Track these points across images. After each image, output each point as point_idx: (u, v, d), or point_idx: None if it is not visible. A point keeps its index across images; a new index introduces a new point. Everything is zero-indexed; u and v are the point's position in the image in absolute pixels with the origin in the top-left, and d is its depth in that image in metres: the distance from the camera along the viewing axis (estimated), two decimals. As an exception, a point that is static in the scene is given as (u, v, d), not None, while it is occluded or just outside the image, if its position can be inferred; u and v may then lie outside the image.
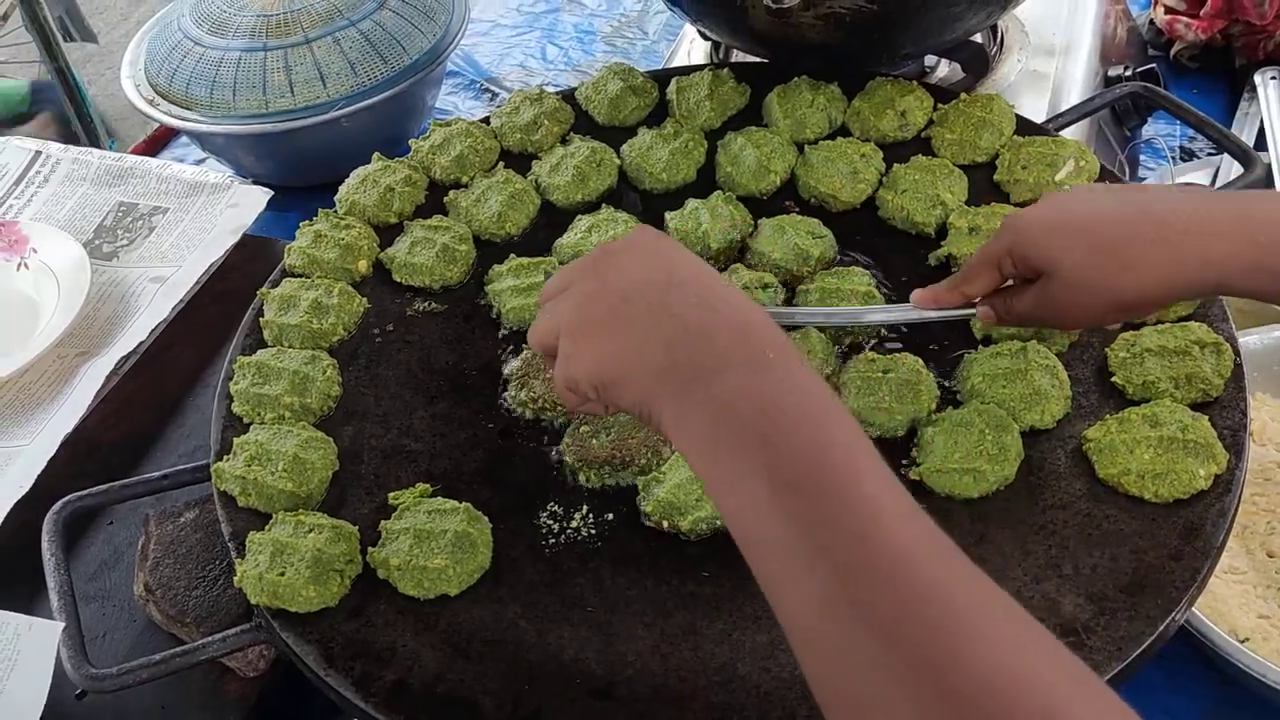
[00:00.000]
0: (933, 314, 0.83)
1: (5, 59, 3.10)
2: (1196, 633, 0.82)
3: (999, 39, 1.32)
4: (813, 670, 0.50)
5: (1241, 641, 0.83)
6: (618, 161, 1.11)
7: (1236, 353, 0.85)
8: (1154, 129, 1.40)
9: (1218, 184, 1.27)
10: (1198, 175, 1.31)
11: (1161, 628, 0.70)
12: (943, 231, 0.99)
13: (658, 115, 1.17)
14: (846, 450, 0.52)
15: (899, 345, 0.91)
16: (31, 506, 0.92)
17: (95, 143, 1.76)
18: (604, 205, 1.06)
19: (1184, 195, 0.76)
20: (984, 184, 1.04)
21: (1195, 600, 0.73)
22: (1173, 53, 1.48)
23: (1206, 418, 0.80)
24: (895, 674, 0.46)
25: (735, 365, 0.55)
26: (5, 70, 3.11)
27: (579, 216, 1.05)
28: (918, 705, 0.45)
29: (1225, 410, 0.82)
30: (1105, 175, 1.01)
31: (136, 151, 1.51)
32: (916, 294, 0.83)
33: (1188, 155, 1.40)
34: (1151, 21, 1.50)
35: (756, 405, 0.53)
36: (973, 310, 0.82)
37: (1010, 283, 0.81)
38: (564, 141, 1.14)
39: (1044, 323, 0.80)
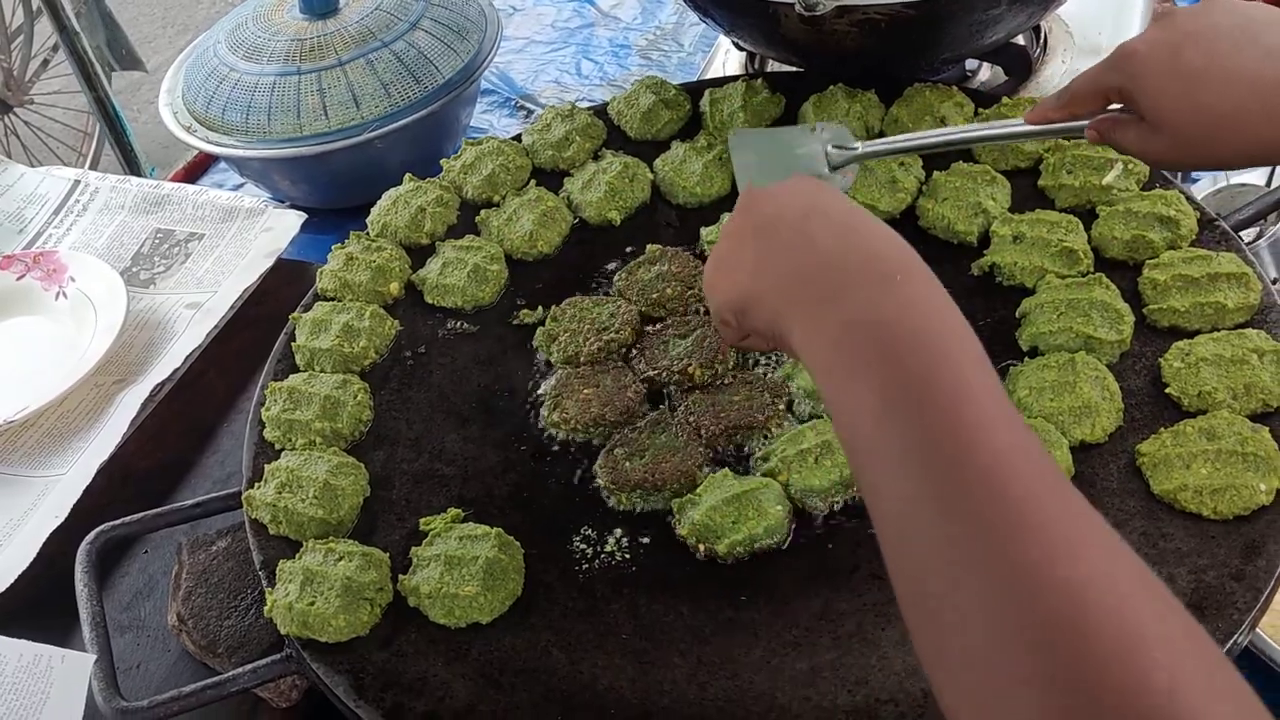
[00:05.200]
0: (1041, 129, 0.83)
1: (59, 89, 3.17)
2: (1260, 653, 0.79)
3: (1042, 41, 1.29)
4: (896, 564, 0.50)
5: (1309, 662, 0.79)
6: (651, 176, 1.09)
7: (1297, 360, 0.81)
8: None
9: (1272, 184, 1.23)
10: (1252, 177, 1.27)
11: (1223, 652, 0.67)
12: (985, 240, 0.96)
13: (691, 128, 1.15)
14: (958, 369, 0.52)
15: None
16: (67, 534, 0.92)
17: (136, 171, 1.77)
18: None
19: None
20: (1027, 190, 1.01)
21: (1258, 622, 0.70)
22: (1224, 50, 1.44)
23: (1267, 429, 0.76)
24: (972, 566, 0.46)
25: (862, 288, 0.57)
26: (58, 100, 3.18)
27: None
28: (991, 596, 0.44)
29: (1287, 421, 0.78)
30: (1155, 179, 0.98)
31: (175, 178, 1.52)
32: (1028, 114, 0.83)
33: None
34: (1201, 19, 1.46)
35: (876, 326, 0.55)
36: (1081, 124, 0.80)
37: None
38: (596, 157, 1.13)
39: (1142, 159, 0.79)
